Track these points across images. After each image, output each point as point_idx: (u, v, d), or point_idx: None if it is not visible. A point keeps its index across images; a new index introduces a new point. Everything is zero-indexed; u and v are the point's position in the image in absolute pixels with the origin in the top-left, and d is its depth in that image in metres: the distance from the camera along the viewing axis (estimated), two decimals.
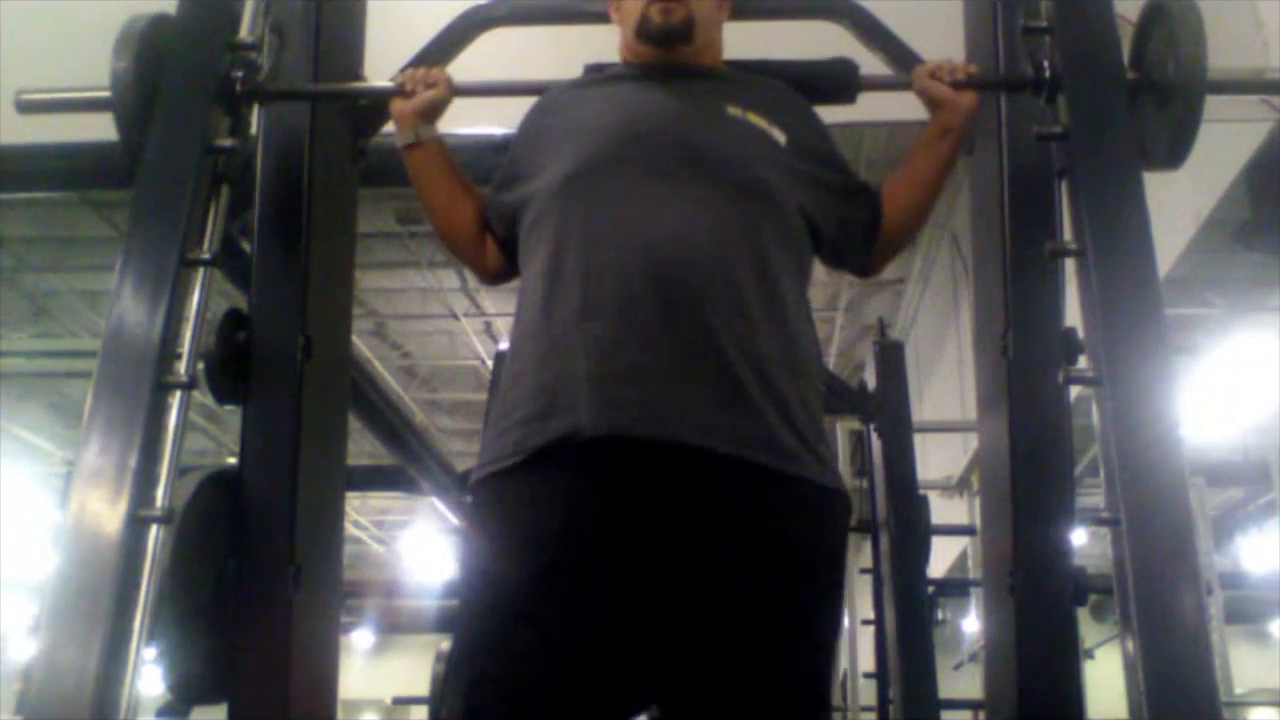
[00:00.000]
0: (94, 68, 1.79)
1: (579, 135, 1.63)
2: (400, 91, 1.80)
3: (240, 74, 1.84)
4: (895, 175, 1.78)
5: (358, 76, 2.22)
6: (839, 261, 1.78)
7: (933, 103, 1.76)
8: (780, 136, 1.65)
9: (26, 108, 1.86)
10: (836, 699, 6.49)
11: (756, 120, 1.65)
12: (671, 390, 1.43)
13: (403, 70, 1.88)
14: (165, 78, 1.77)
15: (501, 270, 1.77)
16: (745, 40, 1.88)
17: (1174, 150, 1.69)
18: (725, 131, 1.63)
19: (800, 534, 1.46)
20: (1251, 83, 2.00)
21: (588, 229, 1.52)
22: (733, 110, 1.65)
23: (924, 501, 4.14)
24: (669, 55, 1.70)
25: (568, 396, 1.45)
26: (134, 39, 1.76)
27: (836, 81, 1.91)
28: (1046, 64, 1.77)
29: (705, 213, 1.52)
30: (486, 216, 1.76)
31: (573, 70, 1.90)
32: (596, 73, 1.85)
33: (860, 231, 1.73)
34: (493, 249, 1.76)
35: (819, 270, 1.77)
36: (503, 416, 1.53)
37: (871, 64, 2.03)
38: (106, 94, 1.75)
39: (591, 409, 1.43)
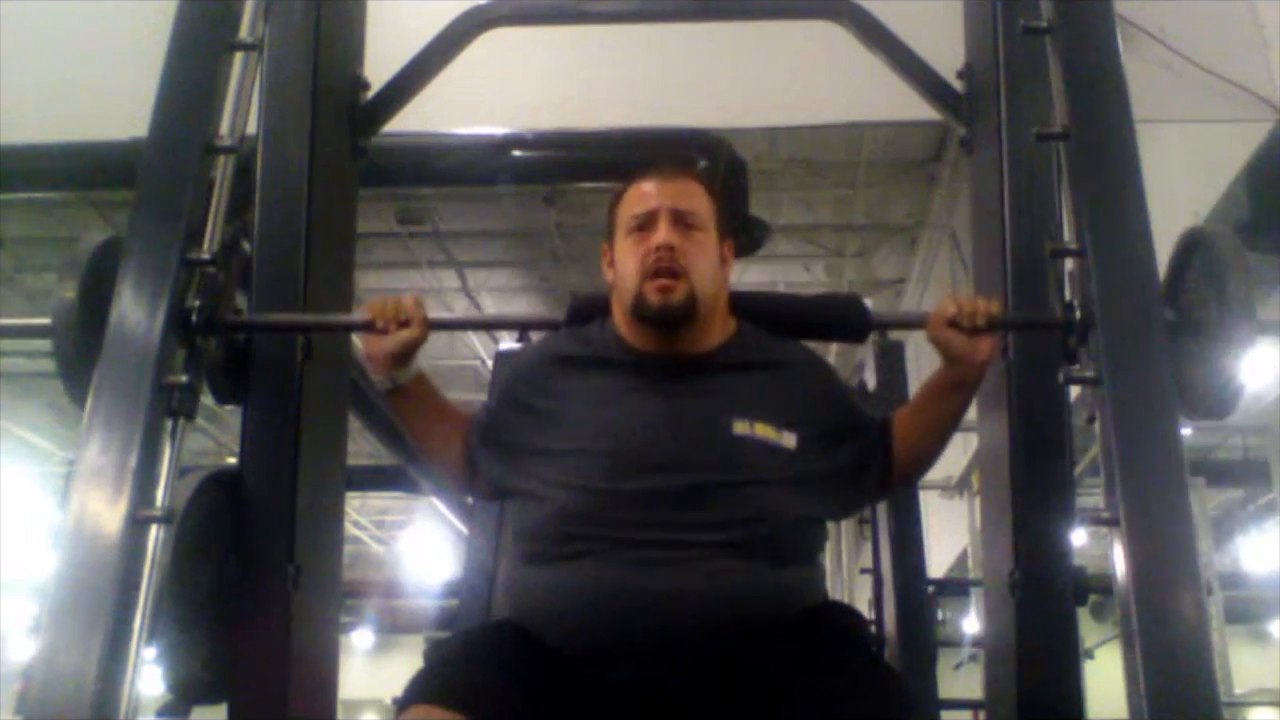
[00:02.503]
0: (94, 66, 1.78)
1: (572, 450, 1.53)
2: (371, 328, 1.65)
3: (197, 303, 1.66)
4: (908, 415, 1.70)
5: (358, 78, 2.22)
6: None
7: (948, 354, 1.64)
8: (790, 440, 1.55)
9: None
10: None
11: (764, 431, 1.54)
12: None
13: (402, 71, 1.86)
14: (114, 312, 1.58)
15: (492, 499, 1.79)
16: (746, 40, 1.87)
17: (1221, 400, 1.56)
18: (730, 455, 1.52)
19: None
20: None
21: (584, 582, 1.46)
22: (740, 424, 1.53)
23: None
24: (667, 342, 1.59)
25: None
26: (79, 268, 1.64)
27: (848, 324, 1.87)
28: (1076, 303, 1.66)
29: (710, 557, 1.45)
30: (471, 460, 1.68)
31: (572, 71, 1.89)
32: (583, 319, 1.72)
33: (874, 487, 1.68)
34: (482, 478, 1.69)
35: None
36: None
37: (872, 65, 2.03)
38: (48, 323, 1.63)
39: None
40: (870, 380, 4.47)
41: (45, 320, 1.63)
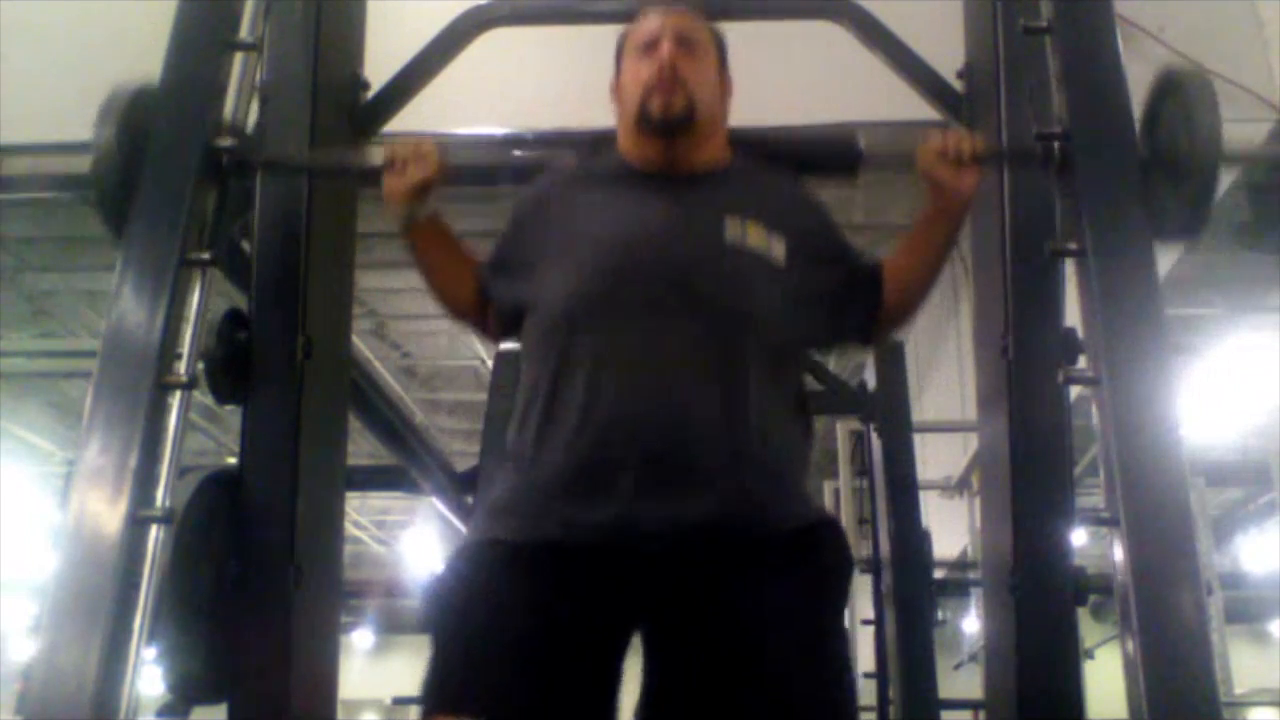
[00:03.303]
0: (96, 65, 1.78)
1: (576, 255, 1.60)
2: (389, 166, 1.71)
3: (229, 144, 1.78)
4: (896, 253, 1.75)
5: (357, 77, 2.22)
6: (838, 347, 1.80)
7: (934, 185, 1.69)
8: (779, 252, 1.61)
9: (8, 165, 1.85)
10: None
11: (755, 239, 1.60)
12: (658, 514, 1.45)
13: (403, 70, 1.87)
14: (150, 154, 1.71)
15: (504, 335, 1.77)
16: (746, 40, 1.88)
17: (1189, 226, 1.64)
18: (722, 260, 1.58)
19: (815, 576, 1.50)
20: (1266, 155, 1.91)
21: (584, 372, 1.51)
22: (732, 230, 1.59)
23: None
24: (668, 152, 1.65)
25: (559, 531, 1.48)
26: (117, 111, 1.71)
27: (839, 156, 1.91)
28: (1056, 142, 1.71)
29: (697, 354, 1.51)
30: (484, 292, 1.73)
31: (572, 71, 1.90)
32: (592, 151, 1.79)
33: (859, 320, 1.71)
34: (494, 317, 1.74)
35: None
36: (496, 504, 1.56)
37: (872, 65, 2.03)
38: (88, 168, 1.71)
39: (584, 520, 1.46)
40: (870, 380, 4.48)
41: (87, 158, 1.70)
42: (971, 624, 10.13)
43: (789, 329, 1.60)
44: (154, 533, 1.47)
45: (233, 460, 1.92)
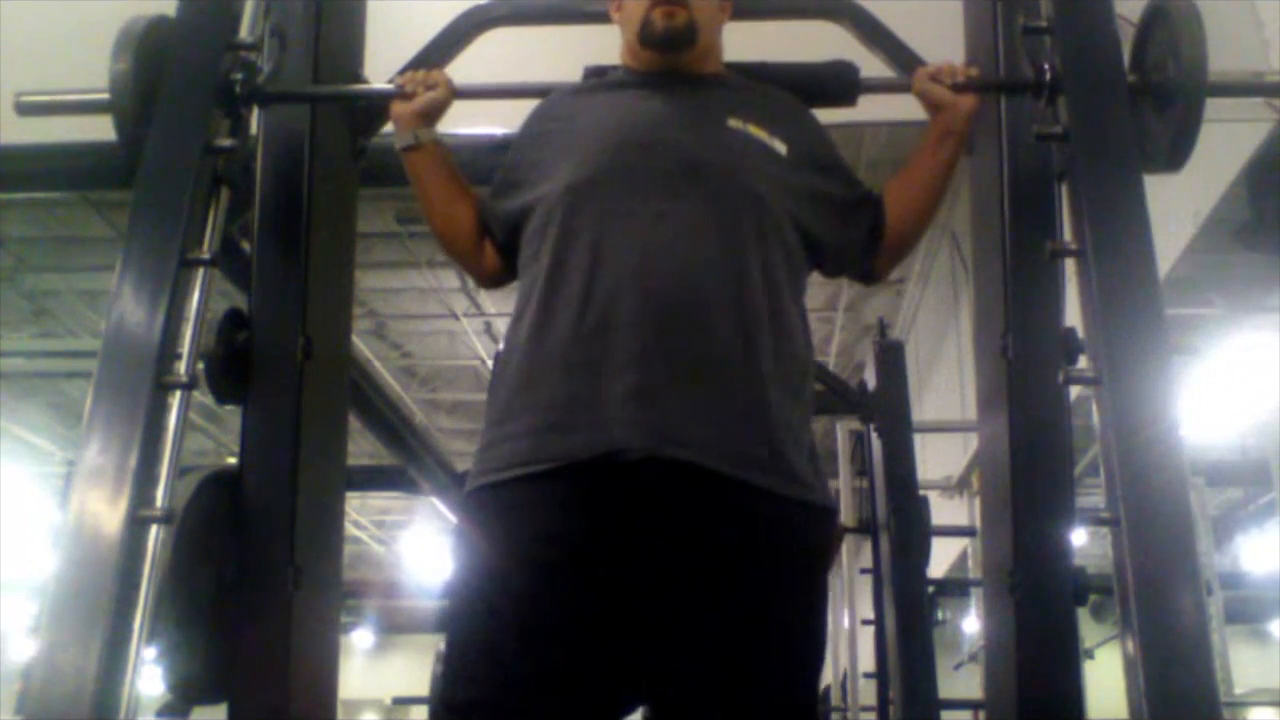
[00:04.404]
0: (95, 68, 1.79)
1: (580, 145, 1.62)
2: (400, 93, 1.80)
3: (240, 76, 1.84)
4: (896, 179, 1.77)
5: (358, 77, 2.22)
6: (840, 271, 1.78)
7: (933, 106, 1.76)
8: (781, 148, 1.64)
9: (26, 109, 1.86)
10: (836, 699, 6.49)
11: (757, 132, 1.63)
12: (670, 410, 1.42)
13: (402, 72, 1.88)
14: (165, 79, 1.77)
15: (499, 274, 1.76)
16: (746, 40, 1.88)
17: (1174, 153, 1.68)
18: (725, 143, 1.61)
19: (790, 550, 1.46)
20: (1252, 85, 2.00)
21: (587, 243, 1.51)
22: (733, 122, 1.63)
23: (924, 502, 4.14)
24: (671, 61, 1.69)
25: (567, 414, 1.45)
26: (133, 40, 1.76)
27: (837, 84, 1.91)
28: (1047, 66, 1.77)
29: (702, 228, 1.51)
30: (484, 220, 1.75)
31: (572, 71, 1.90)
32: (597, 76, 1.84)
33: (862, 241, 1.72)
34: (490, 253, 1.75)
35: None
36: (497, 425, 1.52)
37: (872, 65, 2.03)
38: (106, 96, 1.75)
39: (593, 429, 1.42)
40: (870, 380, 4.48)
41: (105, 94, 1.75)
42: (971, 624, 10.13)
43: (795, 215, 1.61)
44: (154, 533, 1.47)
45: (233, 460, 1.92)
